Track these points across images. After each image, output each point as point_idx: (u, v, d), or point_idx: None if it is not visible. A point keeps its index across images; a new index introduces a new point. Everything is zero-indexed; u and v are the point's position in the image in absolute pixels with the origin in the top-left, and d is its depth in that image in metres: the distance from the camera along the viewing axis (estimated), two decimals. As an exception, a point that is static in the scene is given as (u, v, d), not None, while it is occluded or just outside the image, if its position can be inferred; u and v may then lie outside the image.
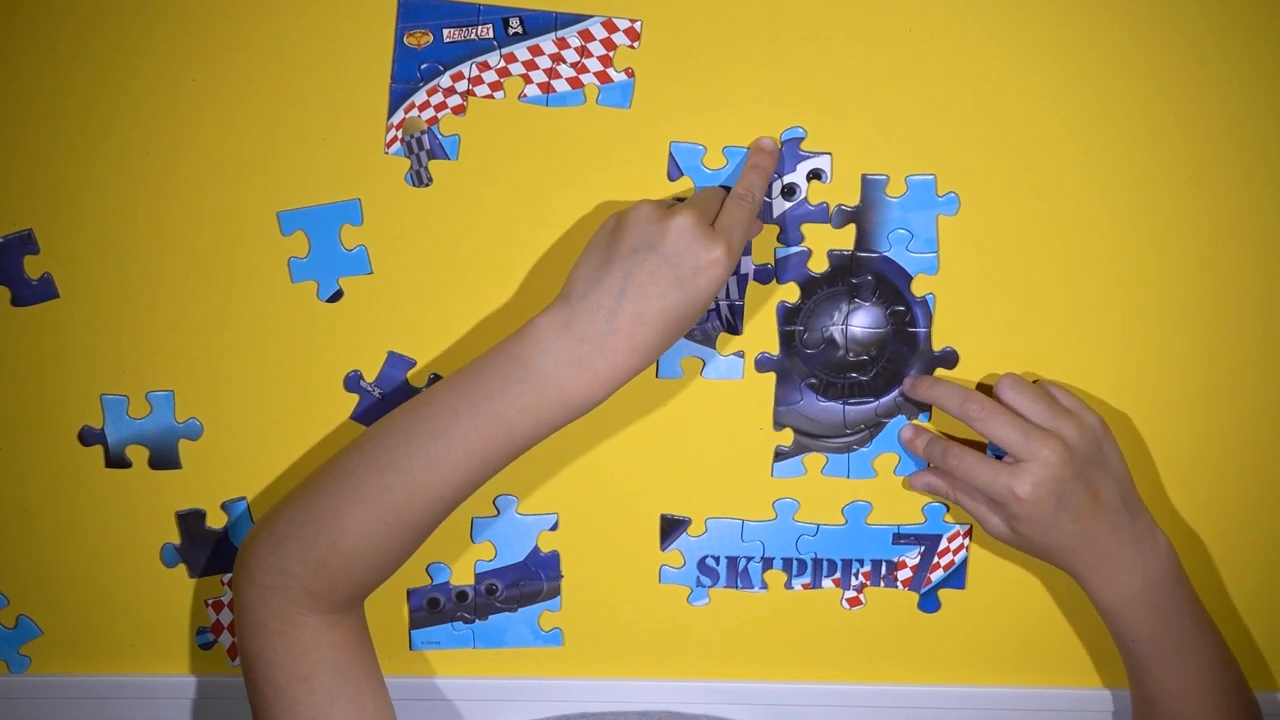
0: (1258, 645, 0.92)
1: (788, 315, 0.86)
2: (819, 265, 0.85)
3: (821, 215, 0.84)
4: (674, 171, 0.83)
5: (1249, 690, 0.86)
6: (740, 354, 0.87)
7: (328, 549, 0.76)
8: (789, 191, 0.83)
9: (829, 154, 0.83)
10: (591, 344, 0.74)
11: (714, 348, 0.86)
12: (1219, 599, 0.91)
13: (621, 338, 0.74)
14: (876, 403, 0.87)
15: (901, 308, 0.85)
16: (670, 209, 0.76)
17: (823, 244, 0.84)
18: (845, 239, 0.84)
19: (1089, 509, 0.80)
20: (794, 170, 0.83)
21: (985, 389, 0.85)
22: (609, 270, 0.75)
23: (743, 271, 0.85)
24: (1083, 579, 0.83)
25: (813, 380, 0.87)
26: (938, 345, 0.86)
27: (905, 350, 0.86)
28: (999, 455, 0.82)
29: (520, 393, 0.75)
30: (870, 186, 0.83)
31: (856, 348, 0.86)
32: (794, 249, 0.84)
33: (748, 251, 0.84)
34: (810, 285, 0.85)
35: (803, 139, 0.82)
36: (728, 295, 0.85)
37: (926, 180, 0.83)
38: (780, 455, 0.88)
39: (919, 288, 0.85)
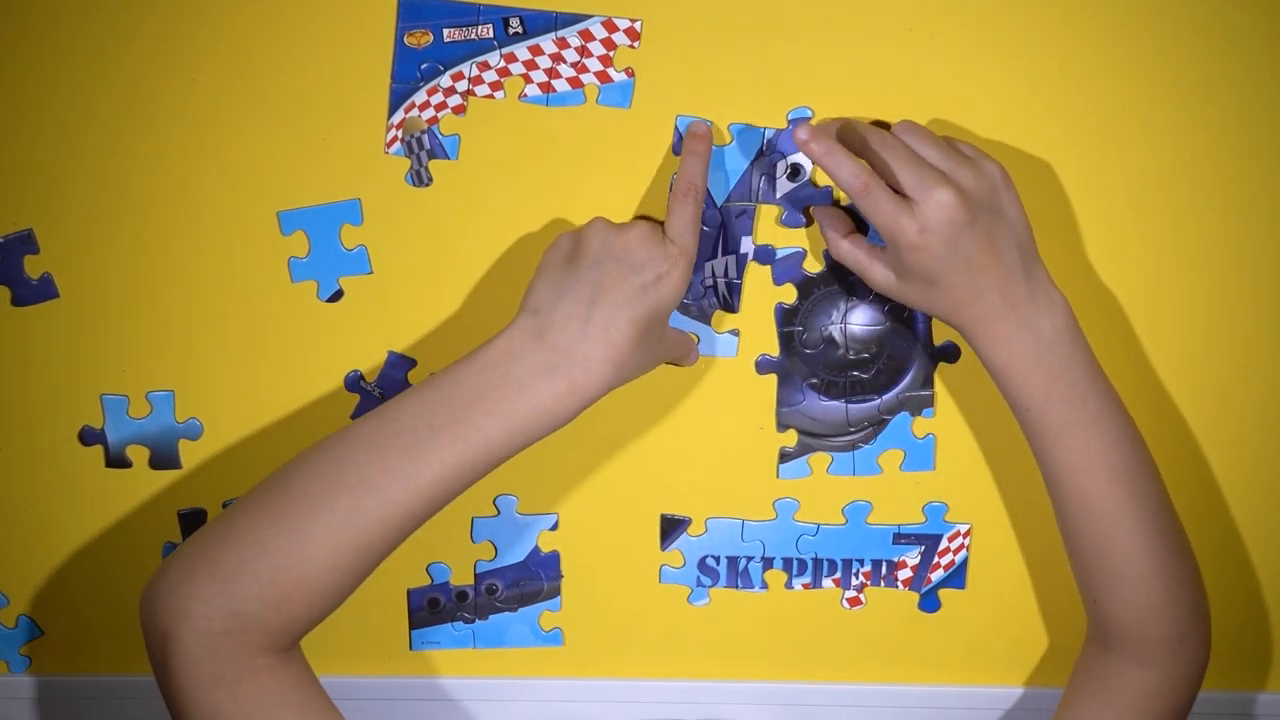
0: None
1: (786, 316, 0.86)
2: (814, 265, 0.85)
3: (825, 197, 0.83)
4: (679, 145, 0.82)
5: (1164, 488, 0.81)
6: (735, 332, 0.86)
7: (292, 583, 0.71)
8: (794, 172, 0.83)
9: None
10: (565, 352, 0.74)
11: (709, 324, 0.86)
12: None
13: (595, 345, 0.74)
14: (879, 400, 0.87)
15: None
16: (624, 223, 0.77)
17: (818, 244, 0.84)
18: None
19: (982, 260, 0.75)
20: (799, 151, 0.81)
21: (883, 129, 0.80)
22: (577, 281, 0.75)
23: (743, 251, 0.84)
24: (971, 336, 0.77)
25: (814, 380, 0.87)
26: (938, 339, 0.86)
27: (905, 345, 0.86)
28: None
29: (498, 399, 0.74)
30: None
31: (856, 345, 0.86)
32: (790, 250, 0.84)
33: (748, 231, 0.84)
34: (806, 285, 0.85)
35: (810, 119, 0.82)
36: (725, 273, 0.85)
37: None
38: (785, 456, 0.88)
39: None
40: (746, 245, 0.84)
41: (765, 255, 0.84)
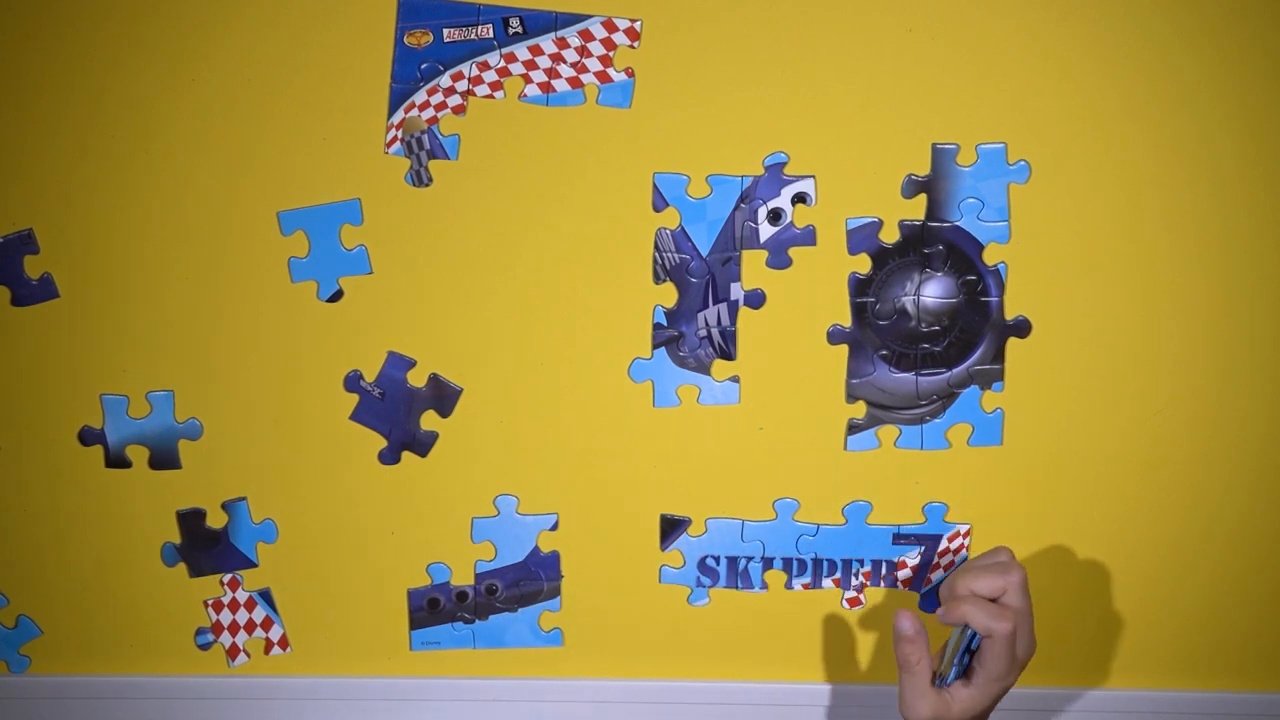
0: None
1: (859, 286, 0.85)
2: (890, 236, 0.84)
3: (808, 239, 0.84)
4: (659, 203, 0.83)
5: None
6: (735, 379, 0.87)
7: None
8: (774, 217, 0.83)
9: (813, 177, 0.83)
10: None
11: (709, 374, 0.87)
12: (1229, 596, 0.91)
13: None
14: (949, 373, 0.86)
15: (973, 277, 0.85)
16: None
17: (894, 214, 0.84)
18: (916, 209, 0.84)
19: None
20: (779, 195, 0.83)
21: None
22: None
23: (733, 298, 0.85)
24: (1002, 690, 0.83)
25: (885, 352, 0.86)
26: (1010, 314, 0.85)
27: (978, 320, 0.85)
28: None
29: None
30: (940, 156, 0.83)
31: (929, 318, 0.86)
32: (866, 220, 0.84)
33: (736, 278, 0.84)
34: (881, 256, 0.84)
35: (785, 164, 0.82)
36: (718, 322, 0.85)
37: (997, 149, 0.82)
38: (853, 428, 0.88)
39: (991, 257, 0.84)
40: (736, 292, 0.85)
41: (756, 300, 0.85)
